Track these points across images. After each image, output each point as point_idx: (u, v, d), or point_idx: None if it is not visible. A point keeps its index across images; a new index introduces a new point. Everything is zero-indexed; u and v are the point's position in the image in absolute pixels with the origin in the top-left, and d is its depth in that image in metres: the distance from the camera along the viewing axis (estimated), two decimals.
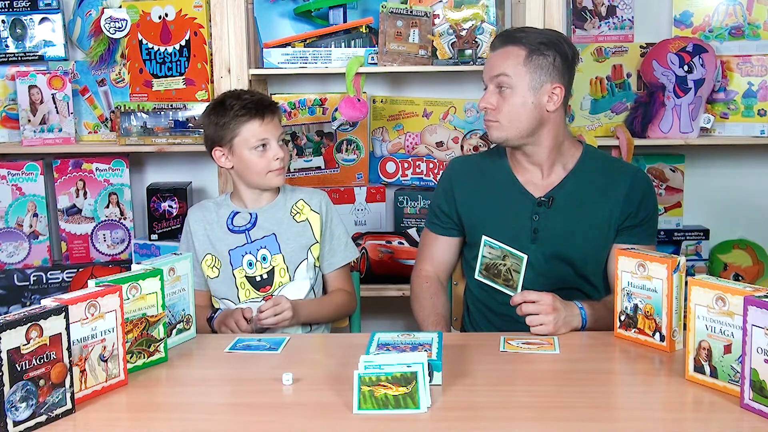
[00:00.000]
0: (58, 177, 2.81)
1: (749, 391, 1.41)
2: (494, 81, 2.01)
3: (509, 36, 2.04)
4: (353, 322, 2.30)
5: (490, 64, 2.04)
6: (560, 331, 1.84)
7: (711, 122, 2.73)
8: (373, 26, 2.67)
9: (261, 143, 2.08)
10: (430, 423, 1.42)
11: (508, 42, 2.02)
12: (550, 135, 2.03)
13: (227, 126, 2.08)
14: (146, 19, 2.72)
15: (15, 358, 1.34)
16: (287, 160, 2.14)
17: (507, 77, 1.98)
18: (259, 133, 2.08)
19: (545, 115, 2.01)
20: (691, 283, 1.55)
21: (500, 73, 1.99)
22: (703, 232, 2.88)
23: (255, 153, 2.08)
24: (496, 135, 2.03)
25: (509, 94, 1.99)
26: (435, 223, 2.20)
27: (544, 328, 1.83)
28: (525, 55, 1.99)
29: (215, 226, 2.17)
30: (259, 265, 2.13)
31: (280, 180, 2.12)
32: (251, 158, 2.08)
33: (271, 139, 2.09)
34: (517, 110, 1.99)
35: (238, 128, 2.07)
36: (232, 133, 2.08)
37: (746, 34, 2.77)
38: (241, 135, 2.08)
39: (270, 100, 2.16)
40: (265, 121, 2.08)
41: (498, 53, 2.03)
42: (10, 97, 2.79)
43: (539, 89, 1.99)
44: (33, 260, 2.82)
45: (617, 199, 2.04)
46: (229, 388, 1.63)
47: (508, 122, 2.00)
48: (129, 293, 1.64)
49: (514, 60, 1.99)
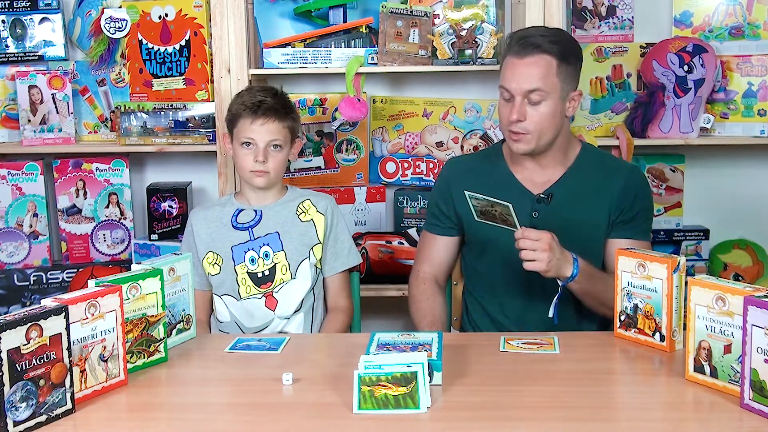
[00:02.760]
0: (58, 177, 2.80)
1: (749, 391, 1.41)
2: (525, 95, 1.95)
3: (532, 43, 1.96)
4: (353, 322, 2.30)
5: (519, 75, 1.96)
6: (550, 272, 1.85)
7: (711, 122, 2.73)
8: (373, 26, 2.67)
9: (246, 141, 2.12)
10: (430, 423, 1.42)
11: (535, 50, 1.95)
12: (562, 139, 2.05)
13: (231, 114, 2.18)
14: (146, 19, 2.72)
15: (15, 358, 1.34)
16: (274, 168, 2.12)
17: (541, 91, 1.94)
18: (247, 131, 2.12)
19: (564, 122, 2.01)
20: (691, 283, 1.55)
21: (536, 88, 1.94)
22: (703, 232, 2.88)
23: (242, 149, 2.14)
24: (524, 148, 2.00)
25: (541, 105, 1.96)
26: (434, 224, 2.21)
27: (536, 264, 1.84)
28: (557, 65, 1.95)
29: (219, 224, 2.18)
30: (261, 261, 2.14)
31: (259, 182, 2.14)
32: (238, 153, 2.15)
33: (257, 141, 2.11)
34: (548, 120, 1.97)
35: (236, 120, 2.15)
36: (232, 124, 2.17)
37: (746, 34, 2.77)
38: (237, 127, 2.15)
39: (278, 106, 2.13)
40: (257, 122, 2.10)
41: (526, 62, 1.95)
42: (10, 97, 2.79)
43: (566, 98, 1.99)
44: (33, 260, 2.82)
45: (614, 195, 2.06)
46: (229, 388, 1.63)
47: (537, 133, 1.98)
48: (129, 293, 1.64)
49: (546, 70, 1.94)
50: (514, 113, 1.96)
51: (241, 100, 2.15)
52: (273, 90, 2.20)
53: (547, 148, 2.03)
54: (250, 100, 2.13)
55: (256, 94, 2.15)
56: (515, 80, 1.97)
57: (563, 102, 1.99)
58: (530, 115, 1.96)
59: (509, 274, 2.05)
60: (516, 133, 1.99)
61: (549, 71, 1.95)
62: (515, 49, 1.98)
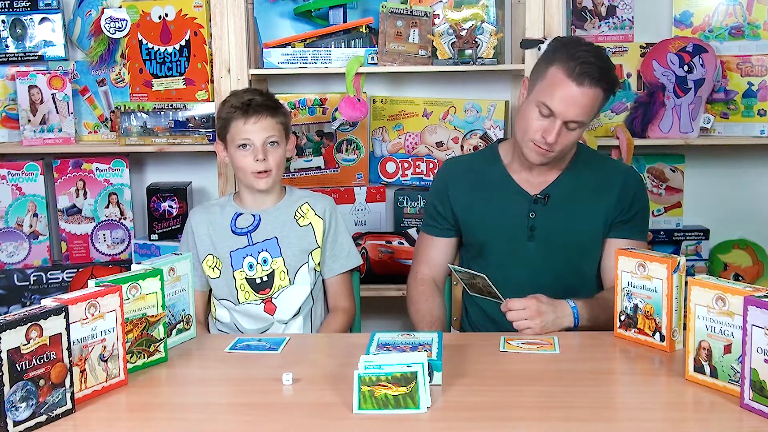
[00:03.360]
0: (58, 177, 2.80)
1: (749, 391, 1.41)
2: (568, 122, 1.93)
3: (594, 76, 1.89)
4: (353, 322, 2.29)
5: (571, 103, 1.90)
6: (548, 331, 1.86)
7: (711, 122, 2.73)
8: (373, 26, 2.67)
9: (243, 143, 2.09)
10: (430, 423, 1.42)
11: (593, 83, 1.90)
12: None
13: (221, 121, 2.14)
14: (146, 19, 2.72)
15: (15, 358, 1.34)
16: (275, 165, 2.10)
17: (583, 122, 1.95)
18: (242, 132, 2.09)
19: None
20: (691, 283, 1.55)
21: (582, 121, 1.93)
22: (703, 232, 2.88)
23: (240, 152, 2.10)
24: (543, 161, 2.00)
25: (576, 131, 1.96)
26: (431, 225, 2.20)
27: (530, 330, 1.85)
28: (602, 98, 1.95)
29: (218, 228, 2.17)
30: (259, 267, 2.13)
31: (262, 184, 2.10)
32: (236, 156, 2.11)
33: (254, 141, 2.08)
34: (574, 143, 2.01)
35: (228, 125, 2.12)
36: (224, 129, 2.13)
37: (746, 34, 2.77)
38: (230, 132, 2.12)
39: (265, 102, 2.12)
40: (250, 121, 2.08)
41: (582, 93, 1.90)
42: (10, 97, 2.79)
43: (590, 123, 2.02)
44: (33, 260, 2.82)
45: (611, 195, 2.06)
46: (229, 388, 1.63)
47: (560, 153, 1.99)
48: (129, 293, 1.64)
49: (595, 104, 1.94)
50: (553, 135, 1.92)
51: (229, 104, 2.12)
52: (258, 90, 2.22)
53: None
54: (238, 101, 2.11)
55: (242, 96, 2.13)
56: (565, 105, 1.91)
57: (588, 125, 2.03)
58: (562, 136, 1.95)
59: (506, 274, 2.04)
60: (541, 148, 1.96)
61: (596, 104, 1.94)
62: (574, 73, 1.89)
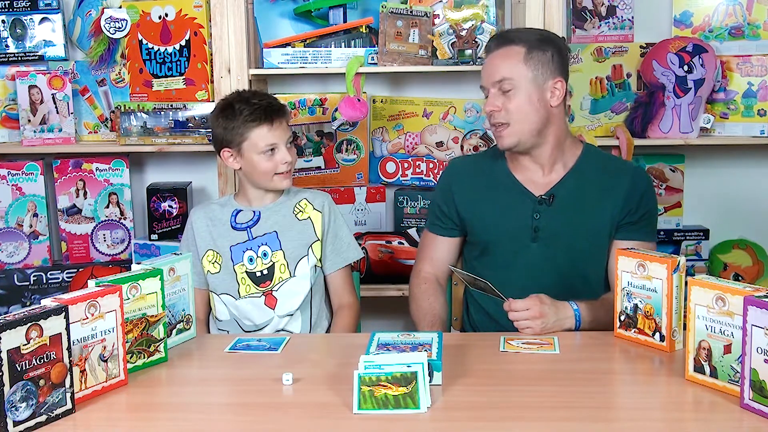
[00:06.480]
0: (58, 177, 2.81)
1: (749, 391, 1.41)
2: (497, 85, 1.99)
3: (503, 37, 2.03)
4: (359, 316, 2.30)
5: (489, 67, 2.02)
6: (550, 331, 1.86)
7: (711, 122, 2.73)
8: (373, 26, 2.67)
9: (269, 148, 2.09)
10: (430, 423, 1.42)
11: (503, 43, 2.01)
12: (554, 133, 2.03)
13: (236, 130, 2.09)
14: (146, 19, 2.72)
15: (15, 358, 1.34)
16: (295, 163, 2.16)
17: (509, 79, 1.97)
18: (267, 138, 2.08)
19: (550, 112, 2.01)
20: (691, 283, 1.55)
21: (502, 78, 1.98)
22: (703, 232, 2.88)
23: (263, 157, 2.09)
24: (508, 141, 2.01)
25: (513, 94, 1.98)
26: (435, 224, 2.20)
27: (530, 330, 1.86)
28: (524, 52, 1.98)
29: (218, 223, 2.18)
30: (259, 260, 2.14)
31: (286, 183, 2.14)
32: (259, 161, 2.10)
33: (279, 144, 2.10)
34: (524, 108, 1.98)
35: (247, 133, 2.08)
36: (240, 138, 2.09)
37: (746, 34, 2.77)
38: (250, 140, 2.09)
39: (278, 103, 2.14)
40: (273, 126, 2.09)
41: (495, 55, 2.01)
42: (10, 97, 2.79)
43: (542, 85, 1.99)
44: (33, 260, 2.82)
45: (618, 197, 2.04)
46: (229, 388, 1.63)
47: (517, 123, 1.99)
48: (129, 293, 1.64)
49: (515, 59, 1.98)
50: (488, 105, 2.01)
51: (244, 115, 2.07)
52: (254, 91, 2.21)
53: (536, 142, 2.02)
54: (253, 109, 2.07)
55: (253, 103, 2.09)
56: (485, 75, 2.03)
57: (539, 90, 1.99)
58: (504, 104, 1.99)
59: (510, 275, 2.04)
60: (497, 124, 2.01)
61: (516, 60, 1.98)
62: (488, 47, 2.06)
